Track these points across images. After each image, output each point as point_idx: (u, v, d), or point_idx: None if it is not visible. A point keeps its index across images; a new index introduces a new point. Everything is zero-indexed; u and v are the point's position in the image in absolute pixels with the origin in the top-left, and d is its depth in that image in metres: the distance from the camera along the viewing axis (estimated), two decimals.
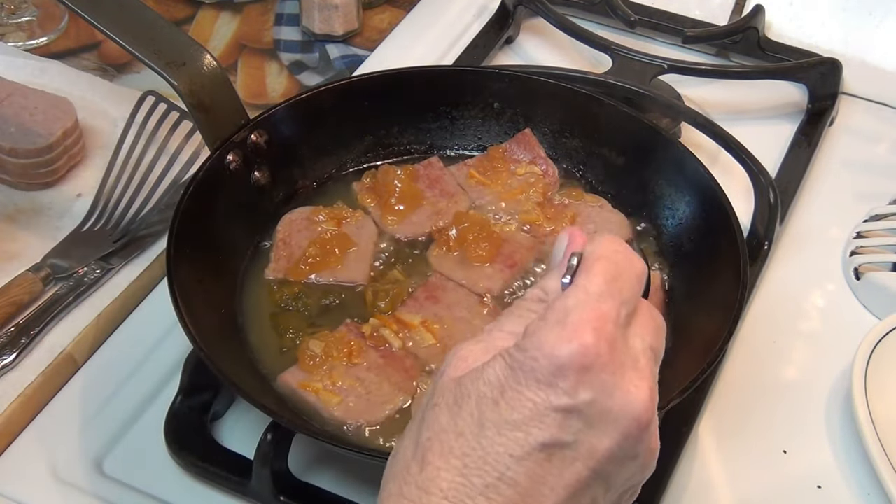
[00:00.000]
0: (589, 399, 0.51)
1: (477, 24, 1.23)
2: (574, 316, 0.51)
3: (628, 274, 0.54)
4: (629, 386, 0.52)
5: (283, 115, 0.91)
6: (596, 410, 0.51)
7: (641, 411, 0.52)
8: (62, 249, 0.93)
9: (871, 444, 0.79)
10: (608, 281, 0.53)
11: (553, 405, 0.51)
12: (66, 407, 0.85)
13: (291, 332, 0.83)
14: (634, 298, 0.54)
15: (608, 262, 0.54)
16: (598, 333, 0.51)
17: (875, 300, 0.94)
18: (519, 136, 0.97)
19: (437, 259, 0.89)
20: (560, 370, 0.50)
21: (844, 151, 1.11)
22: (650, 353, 0.54)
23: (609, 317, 0.52)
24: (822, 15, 1.18)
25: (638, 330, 0.54)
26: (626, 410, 0.51)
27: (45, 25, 1.22)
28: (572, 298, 0.52)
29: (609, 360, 0.51)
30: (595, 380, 0.51)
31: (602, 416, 0.51)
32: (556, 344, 0.51)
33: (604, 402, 0.51)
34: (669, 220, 0.91)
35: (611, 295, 0.52)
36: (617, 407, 0.51)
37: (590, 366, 0.50)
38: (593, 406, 0.51)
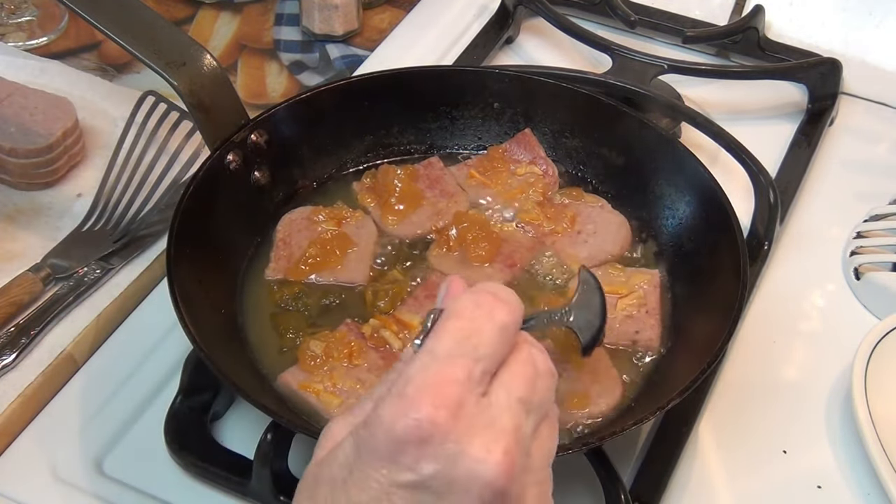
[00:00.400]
0: (432, 472, 0.48)
1: (477, 24, 1.23)
2: (413, 385, 0.49)
3: (488, 326, 0.51)
4: (477, 451, 0.49)
5: (283, 115, 0.91)
6: (442, 482, 0.49)
7: (493, 476, 0.49)
8: (62, 249, 0.93)
9: (871, 444, 0.79)
10: (458, 340, 0.51)
11: (395, 482, 0.49)
12: (66, 407, 0.85)
13: (291, 332, 0.83)
14: (496, 353, 0.51)
15: (459, 317, 0.52)
16: (437, 400, 0.49)
17: (875, 300, 0.94)
18: (519, 136, 0.97)
19: (437, 259, 0.89)
20: (398, 446, 0.49)
21: (844, 151, 1.11)
22: (518, 407, 0.51)
23: (454, 379, 0.49)
24: (822, 15, 1.18)
25: (505, 381, 0.51)
26: (473, 478, 0.49)
27: (45, 25, 1.22)
28: (417, 364, 0.50)
29: (451, 427, 0.48)
30: (437, 451, 0.48)
31: (450, 487, 0.49)
32: (394, 418, 0.49)
33: (448, 473, 0.48)
34: (669, 220, 0.91)
35: (461, 354, 0.50)
36: (463, 476, 0.49)
37: (428, 438, 0.48)
38: (438, 478, 0.49)
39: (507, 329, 0.52)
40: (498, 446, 0.49)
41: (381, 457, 0.49)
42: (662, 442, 0.82)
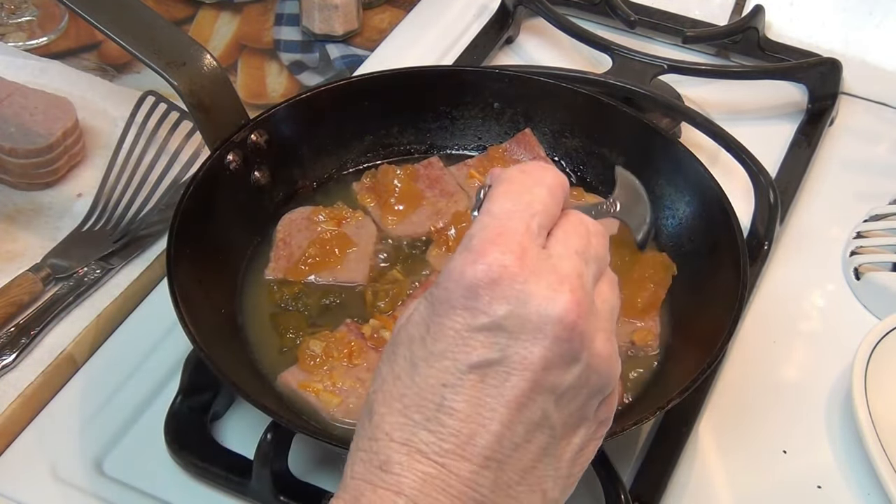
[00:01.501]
0: (505, 312, 0.51)
1: (477, 24, 1.23)
2: (477, 238, 0.53)
3: (537, 187, 0.55)
4: (545, 291, 0.52)
5: (283, 115, 0.91)
6: (516, 322, 0.51)
7: (562, 312, 0.51)
8: (62, 249, 0.93)
9: (871, 444, 0.79)
10: (512, 199, 0.54)
11: (471, 326, 0.52)
12: (66, 407, 0.84)
13: (291, 332, 0.83)
14: (548, 208, 0.55)
15: (510, 182, 0.55)
16: (503, 248, 0.52)
17: (875, 300, 0.94)
18: (519, 136, 0.97)
19: (436, 259, 0.89)
20: (470, 291, 0.51)
21: (844, 151, 1.11)
22: (575, 258, 0.54)
23: (515, 230, 0.53)
24: (822, 15, 1.18)
25: (560, 237, 0.55)
26: (545, 315, 0.51)
27: (45, 25, 1.22)
28: (477, 224, 0.54)
29: (518, 270, 0.51)
30: (507, 292, 0.51)
31: (523, 326, 0.51)
32: (463, 268, 0.52)
33: (521, 312, 0.51)
34: (669, 220, 0.91)
35: (516, 211, 0.54)
36: (535, 314, 0.51)
37: (497, 279, 0.51)
38: (511, 318, 0.51)
39: (556, 190, 0.56)
40: (563, 286, 0.52)
41: (454, 305, 0.52)
42: (662, 442, 0.82)
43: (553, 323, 0.51)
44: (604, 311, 0.55)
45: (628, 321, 0.84)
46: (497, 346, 0.52)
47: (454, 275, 0.52)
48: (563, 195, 0.57)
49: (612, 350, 0.55)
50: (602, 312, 0.55)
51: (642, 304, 0.83)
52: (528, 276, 0.52)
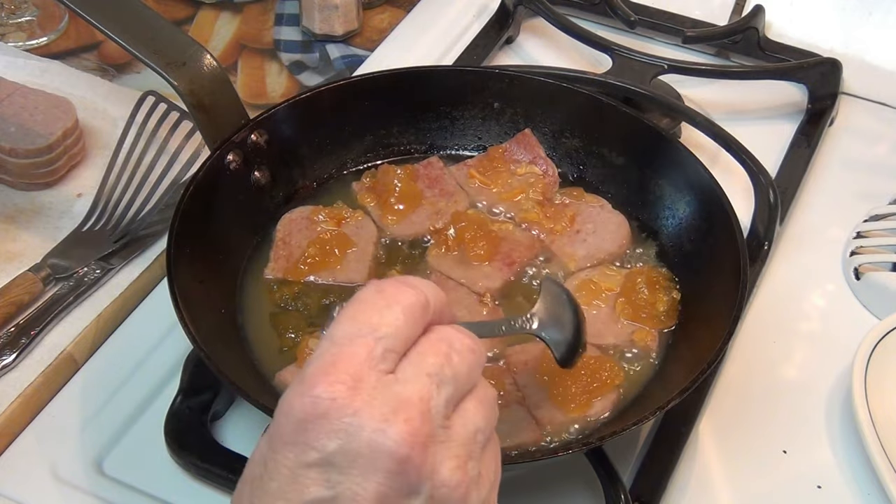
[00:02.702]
0: (334, 447, 0.48)
1: (477, 24, 1.23)
2: (311, 368, 0.50)
3: (389, 309, 0.51)
4: (376, 423, 0.48)
5: (284, 115, 0.91)
6: (346, 457, 0.48)
7: (393, 445, 0.48)
8: (62, 249, 0.93)
9: (871, 444, 0.79)
10: (357, 323, 0.51)
11: (302, 462, 0.49)
12: (66, 407, 0.84)
13: (291, 332, 0.83)
14: (400, 331, 0.51)
15: (361, 302, 0.52)
16: (334, 378, 0.49)
17: (875, 300, 0.94)
18: (519, 136, 0.97)
19: (436, 259, 0.89)
20: (299, 426, 0.49)
21: (844, 151, 1.11)
22: (425, 380, 0.50)
23: (352, 357, 0.50)
24: (822, 15, 1.18)
25: (413, 358, 0.51)
26: (376, 449, 0.48)
27: (45, 25, 1.22)
28: (316, 351, 0.51)
29: (349, 401, 0.48)
30: (336, 425, 0.48)
31: (354, 461, 0.48)
32: (292, 401, 0.49)
33: (351, 446, 0.48)
34: (669, 220, 0.91)
35: (359, 335, 0.50)
36: (365, 448, 0.48)
37: (325, 413, 0.48)
38: (341, 453, 0.48)
39: (413, 311, 0.52)
40: (398, 416, 0.49)
41: (286, 441, 0.50)
42: (662, 442, 0.82)
43: (384, 456, 0.48)
44: (461, 434, 0.51)
45: (629, 322, 0.84)
46: (328, 483, 0.49)
47: (284, 408, 0.50)
48: (425, 314, 0.53)
49: (465, 477, 0.51)
50: (456, 437, 0.51)
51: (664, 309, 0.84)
52: (359, 406, 0.48)
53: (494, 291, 0.86)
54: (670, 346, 0.83)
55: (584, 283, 0.87)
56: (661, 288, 0.85)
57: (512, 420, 0.76)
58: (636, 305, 0.84)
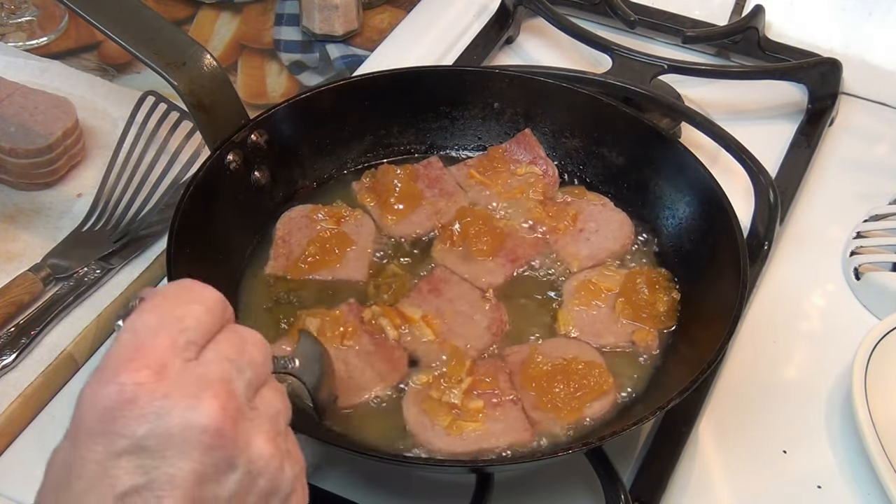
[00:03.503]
0: (145, 431, 0.48)
1: (477, 24, 1.23)
2: (112, 358, 0.49)
3: (192, 304, 0.52)
4: (186, 400, 0.48)
5: (283, 115, 0.91)
6: (158, 439, 0.48)
7: (206, 421, 0.48)
8: (62, 249, 0.92)
9: (871, 444, 0.79)
10: (160, 314, 0.51)
11: (111, 452, 0.48)
12: (66, 407, 0.84)
13: (285, 323, 0.83)
14: (202, 324, 0.52)
15: (164, 296, 0.53)
16: (139, 364, 0.49)
17: (875, 300, 0.94)
18: (519, 136, 0.97)
19: (441, 254, 0.89)
20: (105, 415, 0.48)
21: (844, 151, 1.11)
22: (226, 363, 0.52)
23: (157, 346, 0.50)
24: (822, 15, 1.18)
25: (212, 346, 0.52)
26: (188, 427, 0.48)
27: (45, 25, 1.22)
28: (116, 343, 0.51)
29: (156, 386, 0.48)
30: (145, 409, 0.48)
31: (167, 443, 0.48)
32: (96, 391, 0.48)
33: (162, 428, 0.48)
34: (669, 220, 0.91)
35: (162, 326, 0.51)
36: (177, 427, 0.48)
37: (133, 398, 0.48)
38: (152, 436, 0.48)
39: (214, 307, 0.54)
40: (206, 393, 0.49)
41: (91, 434, 0.48)
42: (662, 442, 0.82)
43: (199, 432, 0.48)
44: (266, 414, 0.53)
45: (629, 321, 0.84)
46: (142, 468, 0.48)
47: (87, 401, 0.48)
48: (224, 314, 0.54)
49: (277, 450, 0.52)
50: (263, 416, 0.53)
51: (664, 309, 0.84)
52: (167, 389, 0.48)
53: (497, 287, 0.86)
54: (670, 346, 0.83)
55: (583, 283, 0.87)
56: (661, 288, 0.86)
57: (507, 419, 0.76)
58: (636, 305, 0.84)
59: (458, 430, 0.75)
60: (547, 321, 0.85)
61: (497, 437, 0.75)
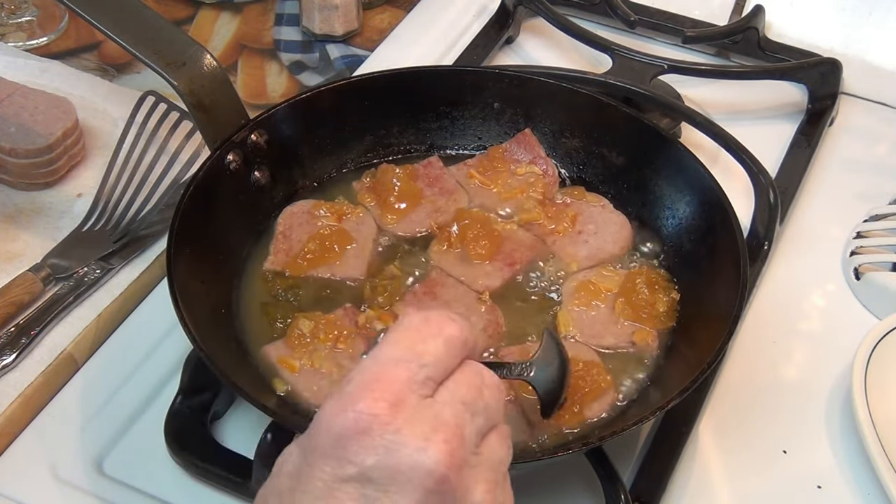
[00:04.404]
0: (373, 462, 0.49)
1: (477, 24, 1.23)
2: (353, 384, 0.51)
3: (434, 339, 0.53)
4: (417, 441, 0.50)
5: (284, 115, 0.91)
6: (384, 472, 0.49)
7: (433, 464, 0.49)
8: (62, 249, 0.93)
9: (871, 444, 0.79)
10: (403, 347, 0.53)
11: (339, 476, 0.50)
12: (66, 407, 0.85)
13: (280, 322, 0.83)
14: (441, 360, 0.53)
15: (407, 329, 0.54)
16: (377, 395, 0.50)
17: (875, 300, 0.94)
18: (519, 136, 0.97)
19: (438, 255, 0.89)
20: (339, 440, 0.50)
21: (844, 151, 1.11)
22: (460, 407, 0.52)
23: (396, 378, 0.51)
24: (822, 15, 1.18)
25: (450, 385, 0.53)
26: (414, 467, 0.49)
27: (45, 25, 1.22)
28: (358, 368, 0.52)
29: (390, 419, 0.50)
30: (376, 441, 0.49)
31: (393, 477, 0.49)
32: (333, 415, 0.50)
33: (390, 462, 0.49)
34: (669, 220, 0.91)
35: (403, 359, 0.52)
36: (405, 464, 0.49)
37: (367, 428, 0.49)
38: (380, 468, 0.49)
39: (455, 342, 0.54)
40: (438, 436, 0.50)
41: (323, 454, 0.50)
42: (662, 442, 0.82)
43: (423, 475, 0.49)
44: (489, 462, 0.53)
45: (629, 322, 0.84)
46: (366, 498, 0.49)
47: (324, 422, 0.51)
48: (464, 348, 0.55)
49: (494, 501, 0.53)
50: (486, 463, 0.53)
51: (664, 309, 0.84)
52: (400, 424, 0.50)
53: (494, 291, 0.86)
54: (670, 346, 0.83)
55: (582, 284, 0.87)
56: (660, 288, 0.86)
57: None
58: (636, 306, 0.84)
59: None
60: (546, 323, 0.85)
61: None
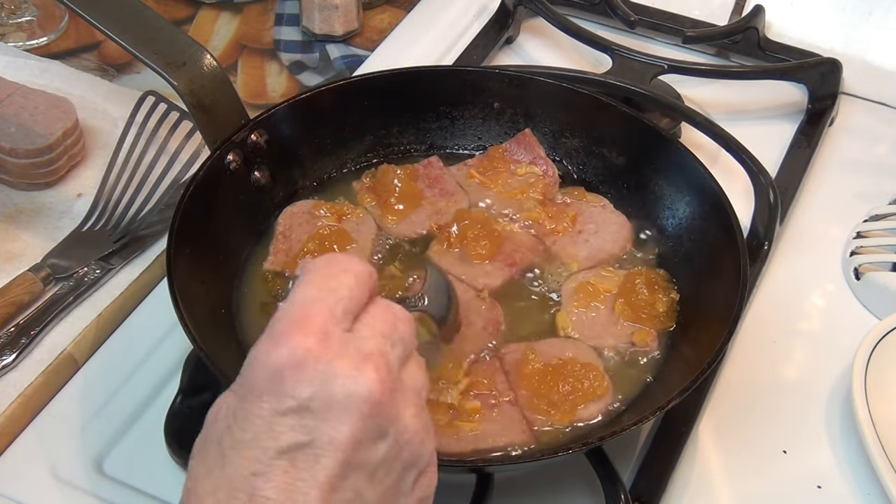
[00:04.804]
0: (310, 393, 0.51)
1: (477, 24, 1.23)
2: (280, 324, 0.53)
3: (343, 275, 0.56)
4: (349, 370, 0.52)
5: (283, 115, 0.91)
6: (322, 402, 0.52)
7: (367, 391, 0.52)
8: (62, 249, 0.93)
9: (871, 444, 0.79)
10: (316, 286, 0.55)
11: (278, 410, 0.52)
12: (66, 407, 0.85)
13: None
14: (353, 294, 0.56)
15: (315, 271, 0.57)
16: (306, 331, 0.53)
17: (875, 300, 0.94)
18: (519, 136, 0.97)
19: (438, 255, 0.89)
20: (274, 375, 0.52)
21: (844, 151, 1.11)
22: (380, 338, 0.55)
23: (318, 314, 0.54)
24: (822, 15, 1.18)
25: (366, 320, 0.56)
26: (350, 394, 0.52)
27: (45, 25, 1.22)
28: (280, 312, 0.54)
29: (321, 352, 0.52)
30: (311, 374, 0.52)
31: (330, 406, 0.52)
32: (267, 353, 0.52)
33: (326, 392, 0.52)
34: (669, 220, 0.91)
35: (321, 298, 0.54)
36: (340, 393, 0.52)
37: (301, 362, 0.52)
38: (317, 399, 0.52)
39: (362, 277, 0.57)
40: (367, 365, 0.53)
41: (260, 392, 0.52)
42: (662, 442, 0.82)
43: (358, 401, 0.52)
44: (412, 388, 0.56)
45: (629, 322, 0.84)
46: (305, 428, 0.51)
47: (258, 361, 0.53)
48: (371, 283, 0.58)
49: (422, 425, 0.56)
50: (410, 390, 0.56)
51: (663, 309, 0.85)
52: (331, 357, 0.52)
53: (494, 290, 0.86)
54: (670, 346, 0.83)
55: (582, 284, 0.86)
56: (660, 288, 0.86)
57: (504, 421, 0.76)
58: (636, 306, 0.84)
59: (454, 430, 0.75)
60: (546, 323, 0.85)
61: (494, 438, 0.75)
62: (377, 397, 0.52)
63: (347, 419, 0.52)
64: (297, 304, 0.54)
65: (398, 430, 0.54)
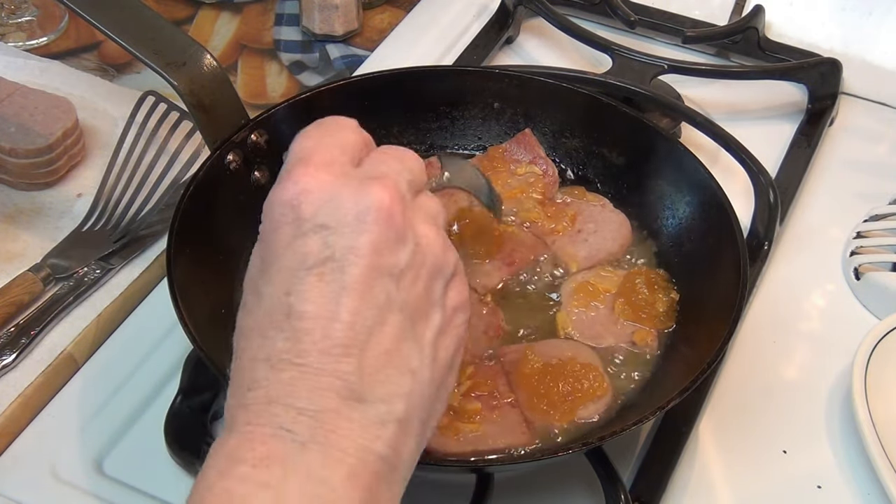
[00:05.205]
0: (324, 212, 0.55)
1: (477, 24, 1.23)
2: (286, 169, 0.58)
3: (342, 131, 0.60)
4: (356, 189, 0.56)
5: (284, 115, 0.91)
6: (336, 219, 0.55)
7: (376, 201, 0.56)
8: (62, 249, 0.93)
9: (871, 444, 0.79)
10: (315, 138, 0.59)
11: (297, 233, 0.56)
12: (66, 407, 0.85)
13: None
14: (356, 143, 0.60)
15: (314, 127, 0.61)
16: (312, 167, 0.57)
17: (875, 300, 0.94)
18: (519, 136, 0.97)
19: None
20: (288, 206, 0.56)
21: (844, 151, 1.11)
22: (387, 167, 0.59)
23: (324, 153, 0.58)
24: (822, 15, 1.18)
25: (373, 156, 0.60)
26: (361, 209, 0.55)
27: (45, 25, 1.22)
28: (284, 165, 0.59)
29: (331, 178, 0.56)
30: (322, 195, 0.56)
31: (344, 221, 0.55)
32: (280, 193, 0.57)
33: (338, 211, 0.55)
34: (669, 220, 0.91)
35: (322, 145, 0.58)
36: (351, 208, 0.55)
37: (310, 188, 0.56)
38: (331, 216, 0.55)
39: (360, 132, 0.61)
40: (374, 182, 0.57)
41: (278, 225, 0.57)
42: (662, 442, 0.82)
43: (371, 210, 0.55)
44: (425, 210, 0.59)
45: (629, 322, 0.84)
46: (325, 243, 0.55)
47: (270, 203, 0.57)
48: (368, 139, 0.61)
49: (440, 235, 0.59)
50: (422, 210, 0.59)
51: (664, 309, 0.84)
52: (341, 181, 0.56)
53: (493, 290, 0.86)
54: (670, 346, 0.83)
55: (581, 284, 0.86)
56: (659, 288, 0.86)
57: (504, 422, 0.76)
58: (636, 306, 0.84)
59: (455, 431, 0.75)
60: (546, 323, 0.85)
61: (494, 439, 0.75)
62: (388, 206, 0.56)
63: (364, 229, 0.55)
64: (296, 151, 0.58)
65: (416, 235, 0.57)
